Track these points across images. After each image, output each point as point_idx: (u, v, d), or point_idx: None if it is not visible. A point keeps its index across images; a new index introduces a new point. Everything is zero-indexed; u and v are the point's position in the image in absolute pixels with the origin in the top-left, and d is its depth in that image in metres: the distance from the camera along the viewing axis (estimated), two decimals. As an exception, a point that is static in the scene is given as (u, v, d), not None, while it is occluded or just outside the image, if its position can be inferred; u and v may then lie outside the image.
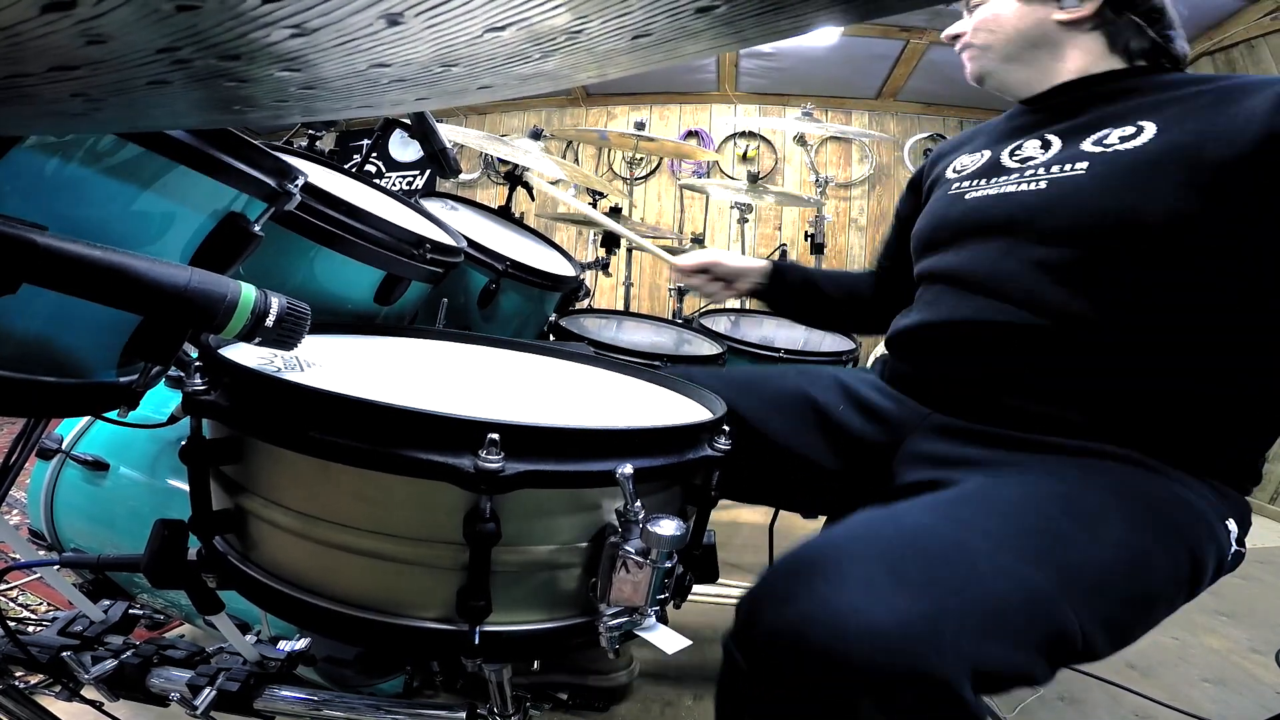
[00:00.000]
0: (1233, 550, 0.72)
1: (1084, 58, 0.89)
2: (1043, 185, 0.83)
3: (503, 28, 0.22)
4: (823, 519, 1.09)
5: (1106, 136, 0.81)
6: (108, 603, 0.92)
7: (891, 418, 0.91)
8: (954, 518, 0.62)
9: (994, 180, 0.90)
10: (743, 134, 4.64)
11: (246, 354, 0.65)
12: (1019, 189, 0.85)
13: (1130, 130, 0.79)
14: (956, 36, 0.98)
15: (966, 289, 0.86)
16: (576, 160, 4.76)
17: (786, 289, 1.25)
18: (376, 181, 1.24)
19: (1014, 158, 0.90)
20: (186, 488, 0.58)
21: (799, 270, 1.28)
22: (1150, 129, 0.78)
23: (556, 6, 0.21)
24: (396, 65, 0.26)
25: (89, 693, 0.85)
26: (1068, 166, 0.82)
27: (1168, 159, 0.75)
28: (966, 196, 0.92)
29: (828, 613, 0.50)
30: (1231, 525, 0.72)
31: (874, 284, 1.22)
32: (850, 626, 0.49)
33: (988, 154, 0.95)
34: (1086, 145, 0.82)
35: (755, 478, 0.96)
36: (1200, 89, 0.80)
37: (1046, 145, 0.88)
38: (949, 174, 1.00)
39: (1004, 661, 0.52)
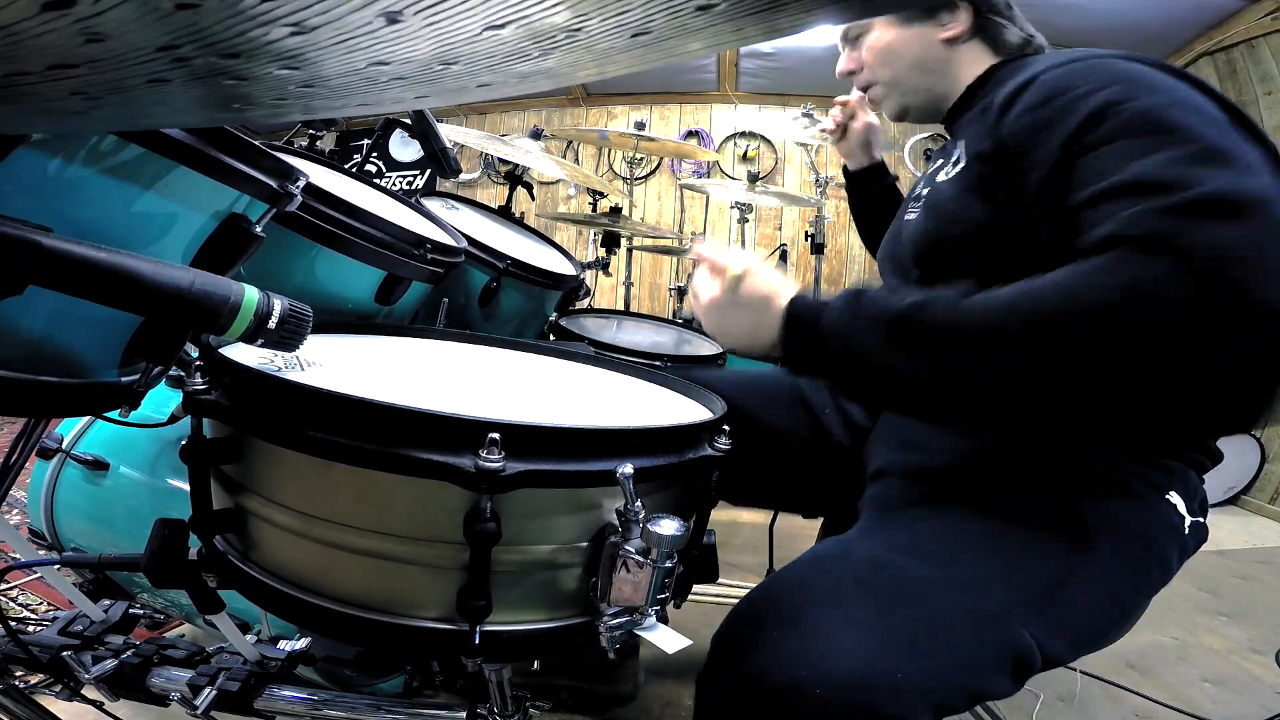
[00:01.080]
0: (1188, 523, 0.70)
1: (974, 67, 0.88)
2: (916, 214, 0.84)
3: (502, 25, 0.22)
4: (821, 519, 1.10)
5: (942, 162, 0.82)
6: (108, 602, 0.92)
7: (860, 422, 0.94)
8: (900, 545, 0.62)
9: (909, 208, 0.90)
10: (743, 134, 4.64)
11: (247, 353, 0.65)
12: (909, 217, 0.86)
13: (955, 153, 0.79)
14: (851, 73, 0.96)
15: None
16: (577, 160, 4.76)
17: None
18: (377, 181, 1.24)
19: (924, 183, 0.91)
20: (186, 487, 0.58)
21: None
22: (960, 148, 0.78)
23: (555, 4, 0.21)
24: (396, 63, 0.26)
25: (89, 692, 0.85)
26: (926, 192, 0.83)
27: (963, 176, 0.76)
28: (904, 218, 0.92)
29: (786, 663, 0.52)
30: (1174, 498, 0.69)
31: None
32: (809, 677, 0.50)
33: (921, 180, 0.96)
34: (939, 166, 0.83)
35: (753, 477, 0.97)
36: (988, 100, 0.77)
37: (932, 165, 0.89)
38: None
39: (961, 689, 0.54)
